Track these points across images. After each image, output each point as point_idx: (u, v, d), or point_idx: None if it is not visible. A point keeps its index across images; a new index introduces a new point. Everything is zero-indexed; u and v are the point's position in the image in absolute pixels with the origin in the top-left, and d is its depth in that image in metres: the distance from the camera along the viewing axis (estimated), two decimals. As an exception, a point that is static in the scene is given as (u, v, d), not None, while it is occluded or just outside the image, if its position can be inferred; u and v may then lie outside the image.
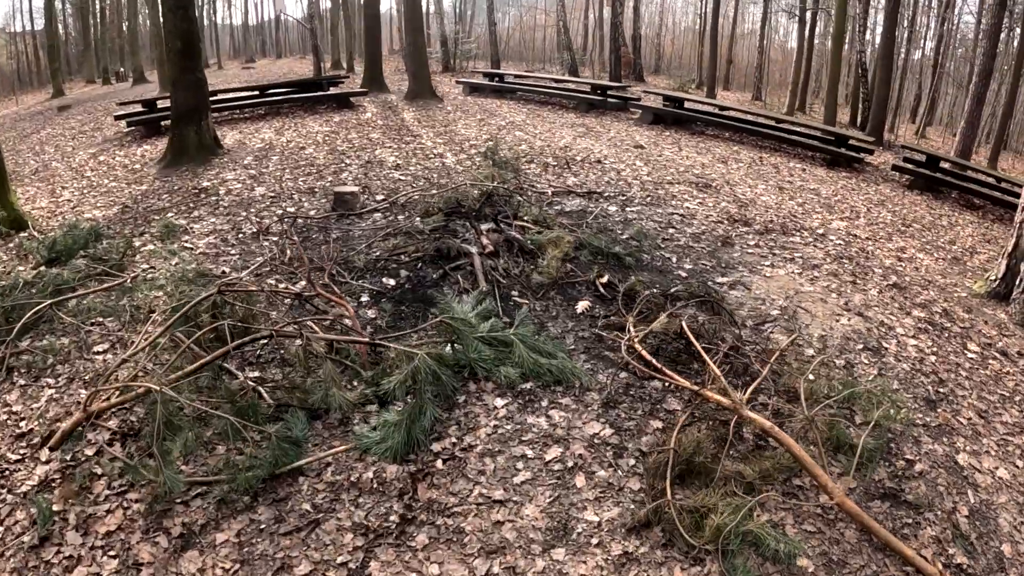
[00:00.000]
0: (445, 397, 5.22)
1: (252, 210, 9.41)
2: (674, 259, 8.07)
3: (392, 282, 7.11)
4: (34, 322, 6.29)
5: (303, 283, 6.92)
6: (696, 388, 5.24)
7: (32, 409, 5.25)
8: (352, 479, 4.60)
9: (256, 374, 5.50)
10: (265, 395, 4.98)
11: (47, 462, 4.67)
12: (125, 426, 4.96)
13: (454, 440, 4.98)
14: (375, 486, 4.56)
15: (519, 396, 5.35)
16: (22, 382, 5.57)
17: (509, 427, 5.08)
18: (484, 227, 8.09)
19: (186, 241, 8.35)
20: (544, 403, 5.30)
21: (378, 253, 7.72)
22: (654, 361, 5.61)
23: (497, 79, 23.52)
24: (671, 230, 9.12)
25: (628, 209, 9.86)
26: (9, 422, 5.14)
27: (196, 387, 5.02)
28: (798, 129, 17.59)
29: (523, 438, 4.99)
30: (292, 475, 4.57)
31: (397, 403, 5.12)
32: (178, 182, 11.10)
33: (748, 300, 7.15)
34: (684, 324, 6.05)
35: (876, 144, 17.89)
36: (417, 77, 20.15)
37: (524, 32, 52.43)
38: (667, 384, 5.54)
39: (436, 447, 4.90)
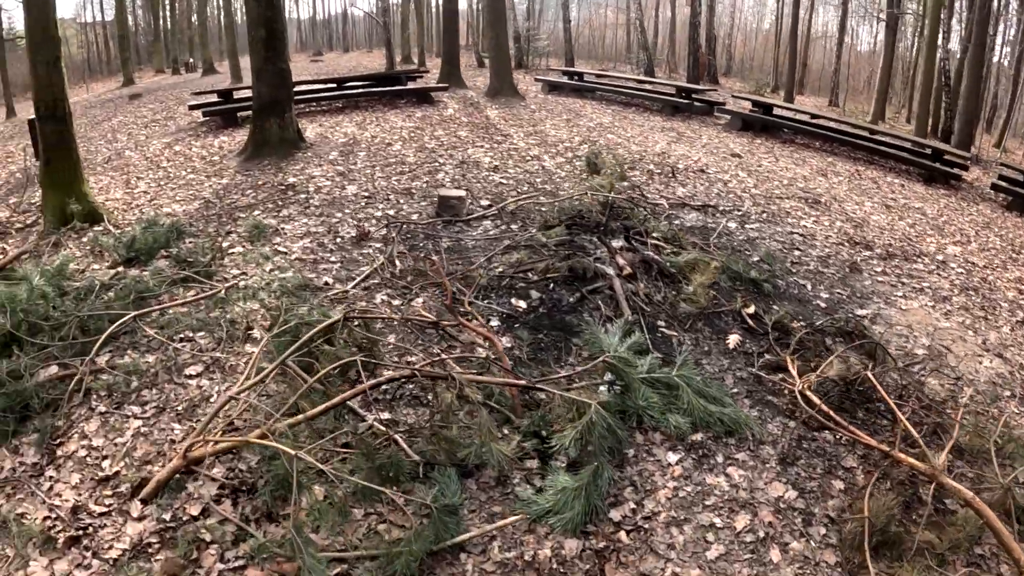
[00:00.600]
0: (614, 451, 4.38)
1: (347, 211, 8.55)
2: (809, 286, 7.36)
3: (523, 304, 6.23)
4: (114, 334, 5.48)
5: (420, 300, 6.06)
6: (887, 450, 4.57)
7: (116, 445, 4.42)
8: (526, 557, 3.73)
9: (386, 415, 4.60)
10: (407, 448, 4.05)
11: (140, 519, 3.83)
12: (234, 477, 4.09)
13: (633, 506, 4.18)
14: (555, 567, 3.70)
15: (691, 450, 4.63)
16: (102, 409, 4.75)
17: (689, 489, 4.35)
18: (615, 244, 7.18)
19: (278, 244, 7.51)
20: (720, 459, 4.59)
21: (501, 269, 6.84)
22: (833, 414, 4.90)
23: (576, 78, 22.62)
24: (796, 252, 8.37)
25: (747, 226, 9.05)
26: (90, 459, 4.32)
27: (316, 431, 4.14)
28: (892, 141, 16.53)
29: (706, 502, 4.28)
30: (452, 551, 3.70)
31: (559, 457, 4.28)
32: (261, 177, 10.31)
33: (892, 337, 6.47)
34: (872, 375, 5.29)
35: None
36: (499, 74, 19.31)
37: (593, 30, 51.32)
38: (839, 437, 4.88)
39: (615, 515, 4.09)
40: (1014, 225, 12.44)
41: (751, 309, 6.40)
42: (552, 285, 6.52)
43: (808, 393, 5.07)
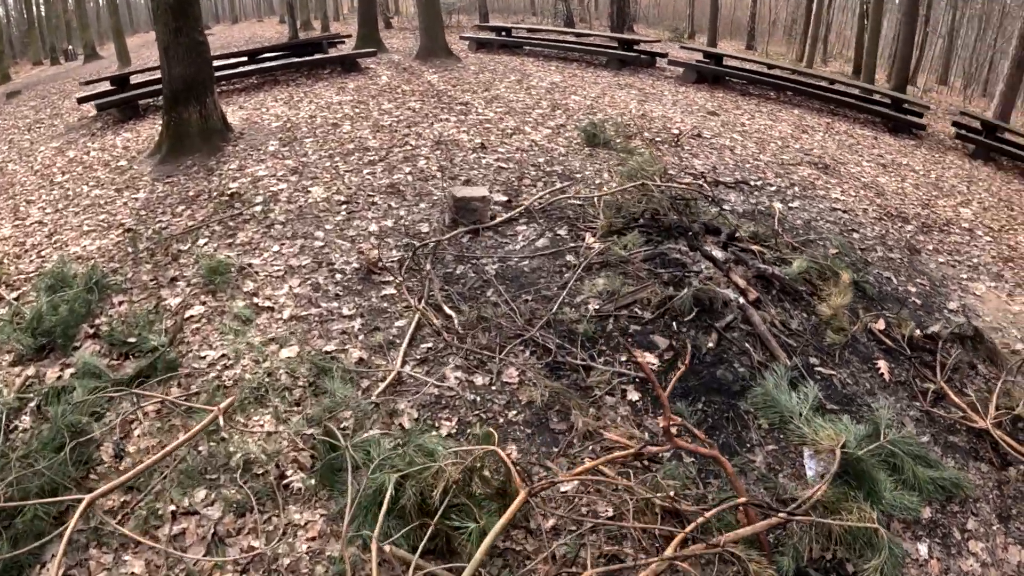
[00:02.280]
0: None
1: (328, 227, 6.36)
2: (893, 279, 6.33)
3: (654, 360, 4.37)
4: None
5: (514, 372, 4.00)
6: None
7: None
8: None
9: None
10: None
11: None
12: None
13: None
14: None
15: (931, 533, 3.91)
16: None
17: (957, 587, 3.56)
18: (717, 254, 5.38)
19: (254, 293, 5.31)
20: (957, 535, 3.95)
21: (596, 305, 4.85)
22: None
23: (504, 33, 20.59)
24: (854, 235, 7.19)
25: (791, 206, 7.58)
26: None
27: None
28: (849, 91, 15.59)
29: (972, 599, 3.54)
30: None
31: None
32: (190, 184, 7.94)
33: (987, 331, 5.57)
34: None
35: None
36: (430, 33, 16.92)
37: (500, -21, 48.75)
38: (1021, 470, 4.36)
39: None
40: (988, 176, 11.62)
41: (880, 324, 5.35)
42: (675, 324, 4.64)
43: (997, 433, 4.45)
